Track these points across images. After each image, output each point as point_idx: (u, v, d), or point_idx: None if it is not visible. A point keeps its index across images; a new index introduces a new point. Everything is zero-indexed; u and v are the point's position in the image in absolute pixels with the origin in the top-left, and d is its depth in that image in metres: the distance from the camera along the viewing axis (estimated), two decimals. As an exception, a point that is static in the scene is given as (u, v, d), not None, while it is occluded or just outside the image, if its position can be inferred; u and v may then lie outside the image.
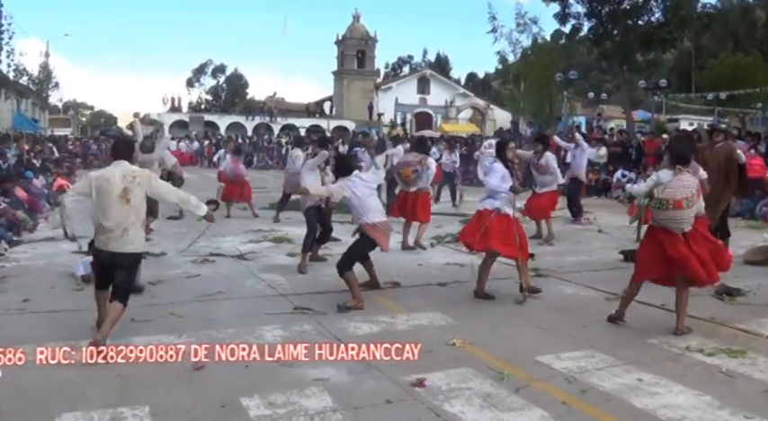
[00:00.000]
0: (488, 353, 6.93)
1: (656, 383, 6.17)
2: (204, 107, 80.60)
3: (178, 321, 8.06)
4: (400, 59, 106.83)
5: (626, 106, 41.19)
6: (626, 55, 37.47)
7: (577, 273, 10.92)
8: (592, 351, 7.06)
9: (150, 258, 11.77)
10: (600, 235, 15.27)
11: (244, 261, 11.88)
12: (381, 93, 72.55)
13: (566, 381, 6.24)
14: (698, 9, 39.63)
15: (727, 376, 6.44)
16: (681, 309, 7.74)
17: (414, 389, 5.99)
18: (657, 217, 7.67)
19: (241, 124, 66.41)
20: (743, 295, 9.46)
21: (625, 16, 37.13)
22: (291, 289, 9.76)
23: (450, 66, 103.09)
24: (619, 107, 49.84)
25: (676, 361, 6.83)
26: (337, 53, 75.27)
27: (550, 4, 38.81)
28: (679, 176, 7.58)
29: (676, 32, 37.75)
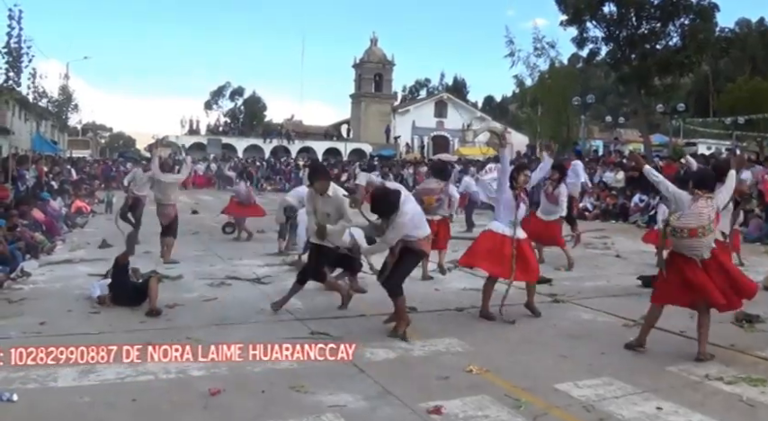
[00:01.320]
0: (506, 381, 6.86)
1: (675, 412, 6.09)
2: (222, 129, 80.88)
3: (194, 345, 8.03)
4: (417, 83, 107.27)
5: (643, 130, 41.12)
6: (643, 79, 37.43)
7: (596, 299, 10.85)
8: (610, 378, 6.98)
9: (167, 281, 11.81)
10: (618, 260, 15.21)
11: (260, 285, 11.86)
12: (398, 116, 72.80)
13: (584, 409, 6.16)
14: (716, 33, 39.57)
15: (747, 405, 6.35)
16: (703, 336, 7.67)
17: (430, 416, 5.93)
18: (676, 244, 7.63)
19: (259, 147, 66.72)
20: (762, 322, 9.38)
21: (643, 40, 37.13)
22: (308, 313, 9.71)
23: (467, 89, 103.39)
24: (636, 131, 49.74)
25: (696, 389, 6.75)
26: (355, 76, 75.70)
27: (568, 28, 38.87)
28: (696, 203, 7.54)
29: (694, 57, 37.70)
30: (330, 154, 64.50)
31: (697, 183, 7.76)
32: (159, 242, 14.56)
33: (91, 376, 6.49)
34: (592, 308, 10.31)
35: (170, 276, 12.20)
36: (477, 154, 53.03)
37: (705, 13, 36.36)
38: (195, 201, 30.70)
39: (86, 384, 6.42)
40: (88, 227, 20.71)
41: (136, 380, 6.72)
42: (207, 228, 20.23)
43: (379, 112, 72.74)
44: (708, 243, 7.58)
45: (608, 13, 37.22)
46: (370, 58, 73.90)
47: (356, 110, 74.72)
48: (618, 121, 58.53)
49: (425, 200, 12.66)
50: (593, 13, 37.31)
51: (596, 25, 37.99)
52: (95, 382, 6.44)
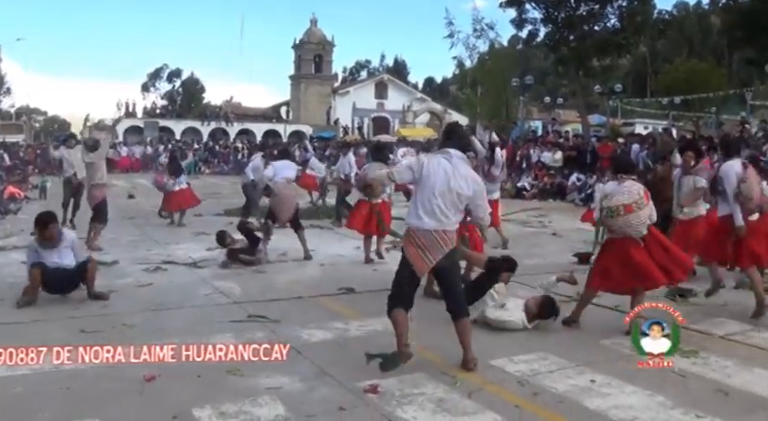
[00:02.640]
0: (442, 358, 6.89)
1: (608, 384, 6.19)
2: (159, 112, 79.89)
3: (129, 331, 7.92)
4: (358, 64, 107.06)
5: (581, 111, 41.55)
6: (582, 60, 37.84)
7: (532, 277, 10.92)
8: (545, 353, 7.07)
9: (101, 267, 11.62)
10: (554, 238, 15.36)
11: (197, 269, 11.76)
12: (339, 97, 72.58)
13: (518, 384, 6.23)
14: (654, 15, 40.11)
15: (679, 376, 6.47)
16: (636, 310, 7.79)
17: (366, 394, 5.94)
18: (615, 226, 7.74)
19: (197, 129, 65.95)
20: (695, 296, 9.55)
21: (581, 22, 37.48)
22: (245, 296, 9.65)
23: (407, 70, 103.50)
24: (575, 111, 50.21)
25: (629, 361, 6.83)
26: (294, 57, 75.23)
27: (507, 9, 39.06)
28: (622, 184, 7.69)
29: (632, 38, 38.25)
30: (269, 136, 63.92)
31: (617, 169, 7.99)
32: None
33: (23, 366, 6.37)
34: (528, 285, 10.36)
35: (105, 262, 12.01)
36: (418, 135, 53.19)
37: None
38: (132, 185, 30.26)
39: (18, 374, 6.26)
40: (21, 213, 20.24)
41: (69, 367, 6.60)
42: (143, 212, 19.97)
43: (318, 94, 72.46)
44: (644, 218, 7.70)
45: (547, -6, 37.51)
46: (310, 38, 73.50)
47: (296, 91, 74.31)
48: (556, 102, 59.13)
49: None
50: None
51: (535, 6, 38.33)
52: (27, 372, 6.27)
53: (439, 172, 6.36)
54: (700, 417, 5.52)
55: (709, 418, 5.51)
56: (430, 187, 6.35)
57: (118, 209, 19.47)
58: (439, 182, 6.35)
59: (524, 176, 27.70)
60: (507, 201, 17.08)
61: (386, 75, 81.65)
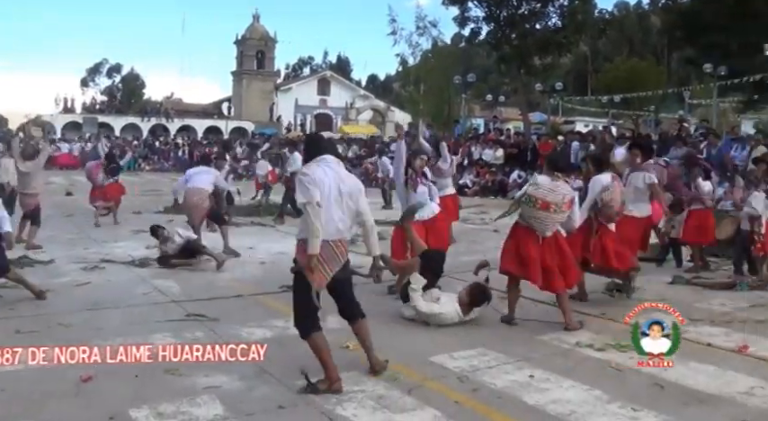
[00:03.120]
0: (382, 355, 6.89)
1: (546, 379, 6.26)
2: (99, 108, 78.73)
3: (66, 331, 7.79)
4: (301, 60, 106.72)
5: (523, 108, 41.92)
6: (523, 58, 38.14)
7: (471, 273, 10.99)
8: (484, 349, 7.13)
9: (38, 266, 11.46)
10: (495, 234, 15.38)
11: (135, 267, 11.61)
12: (281, 94, 72.27)
13: (458, 380, 6.27)
14: (594, 14, 40.55)
15: (616, 370, 6.58)
16: (564, 308, 7.92)
17: (306, 394, 5.93)
18: (525, 214, 7.91)
19: (137, 125, 65.13)
20: (633, 292, 9.68)
21: (523, 21, 37.79)
22: (184, 295, 9.56)
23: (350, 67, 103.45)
24: (516, 109, 50.64)
25: (567, 356, 6.94)
26: (236, 53, 74.70)
27: (450, 7, 39.21)
28: (556, 182, 7.79)
29: (573, 37, 38.64)
30: (211, 132, 63.44)
31: (554, 167, 8.09)
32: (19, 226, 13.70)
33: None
34: (469, 281, 10.42)
35: (41, 261, 11.82)
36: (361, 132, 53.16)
37: (584, -5, 37.30)
38: (70, 182, 29.72)
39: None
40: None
41: (4, 368, 6.48)
42: (82, 210, 19.61)
43: (261, 90, 72.04)
44: (553, 222, 7.83)
45: (489, -7, 37.74)
46: (252, 34, 73.04)
47: (237, 87, 73.78)
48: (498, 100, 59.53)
49: None
50: (475, -7, 37.80)
51: (477, 5, 38.50)
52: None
53: (326, 180, 6.06)
54: (636, 411, 5.59)
55: (646, 412, 5.58)
56: (324, 197, 5.99)
57: (55, 206, 19.20)
58: (331, 189, 6.07)
59: (466, 174, 27.84)
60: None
61: (329, 71, 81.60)
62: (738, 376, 6.38)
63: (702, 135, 23.35)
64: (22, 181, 13.86)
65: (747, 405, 5.78)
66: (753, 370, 6.53)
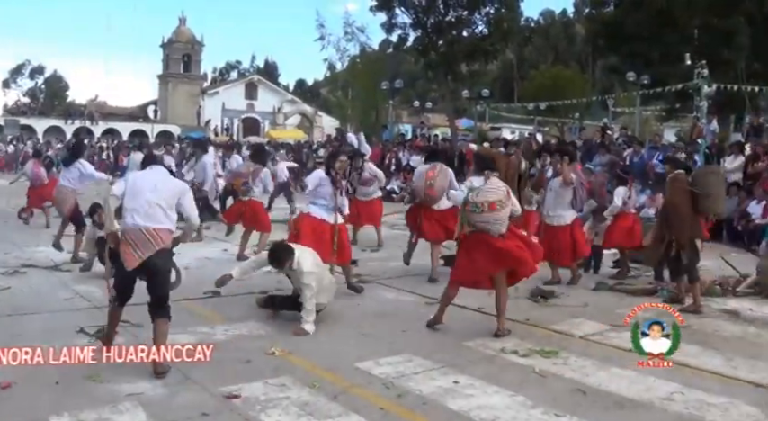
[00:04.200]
0: (308, 361, 6.90)
1: (471, 385, 6.30)
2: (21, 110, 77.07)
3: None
4: (228, 64, 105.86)
5: (450, 115, 42.17)
6: (450, 65, 38.39)
7: (399, 279, 11.04)
8: (410, 355, 7.14)
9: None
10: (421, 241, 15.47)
11: (58, 272, 11.35)
12: (208, 97, 71.60)
13: (384, 387, 6.28)
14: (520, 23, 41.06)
15: (540, 376, 6.65)
16: (501, 309, 7.98)
17: (230, 400, 5.88)
18: (475, 221, 7.90)
19: (60, 128, 63.87)
20: (556, 297, 9.86)
21: (450, 28, 38.04)
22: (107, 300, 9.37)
23: (278, 72, 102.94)
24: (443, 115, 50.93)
25: (492, 362, 7.00)
26: (162, 56, 73.83)
27: (377, 13, 39.32)
28: (489, 181, 7.87)
29: (499, 45, 39.09)
30: (136, 135, 62.51)
31: (482, 166, 8.22)
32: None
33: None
34: (395, 287, 10.49)
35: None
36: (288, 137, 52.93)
37: (510, 3, 37.75)
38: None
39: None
40: None
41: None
42: (2, 213, 19.15)
43: (187, 93, 71.29)
44: (504, 216, 7.89)
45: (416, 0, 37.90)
46: (179, 38, 72.27)
47: (164, 91, 72.86)
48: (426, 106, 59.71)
49: (234, 183, 12.66)
50: (402, 0, 37.91)
51: (405, 12, 38.64)
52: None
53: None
54: (559, 416, 5.67)
55: (568, 417, 5.67)
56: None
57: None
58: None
59: (393, 179, 27.87)
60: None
61: (256, 76, 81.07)
62: (659, 382, 6.48)
63: (626, 143, 23.73)
64: None
65: (667, 410, 5.89)
66: (673, 375, 6.63)
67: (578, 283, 10.84)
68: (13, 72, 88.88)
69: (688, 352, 7.29)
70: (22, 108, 78.66)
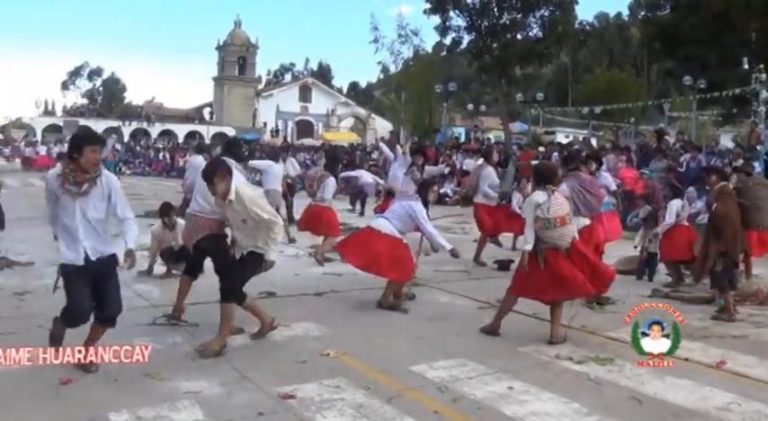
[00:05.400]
0: (362, 364, 6.92)
1: (525, 391, 6.26)
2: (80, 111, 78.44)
3: (46, 333, 7.73)
4: (282, 67, 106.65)
5: (504, 118, 42.07)
6: (504, 68, 38.30)
7: (453, 283, 11.03)
8: (464, 359, 7.13)
9: (17, 268, 11.40)
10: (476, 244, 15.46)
11: (117, 270, 11.52)
12: (262, 100, 72.28)
13: (438, 390, 6.27)
14: (575, 26, 40.76)
15: (595, 383, 6.58)
16: (556, 320, 7.92)
17: (286, 400, 5.92)
18: (547, 236, 7.78)
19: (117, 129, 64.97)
20: (612, 304, 9.73)
21: (504, 31, 37.99)
22: (165, 300, 9.45)
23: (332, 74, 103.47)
24: (497, 119, 50.77)
25: (546, 369, 6.96)
26: (218, 59, 74.62)
27: (431, 16, 39.36)
28: (554, 195, 7.80)
29: (553, 48, 38.91)
30: (192, 137, 63.38)
31: (542, 179, 8.03)
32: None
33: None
34: (449, 291, 10.48)
35: (20, 263, 11.76)
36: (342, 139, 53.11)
37: (565, 6, 37.53)
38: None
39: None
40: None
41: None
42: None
43: (242, 96, 71.98)
44: (573, 231, 7.88)
45: (470, 2, 37.90)
46: (234, 40, 73.02)
47: (219, 93, 73.66)
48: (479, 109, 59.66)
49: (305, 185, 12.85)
50: (456, 3, 37.89)
51: (459, 14, 38.66)
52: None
53: None
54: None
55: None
56: None
57: (34, 208, 19.01)
58: None
59: (447, 183, 27.83)
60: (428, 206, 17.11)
61: (310, 78, 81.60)
62: (715, 391, 6.39)
63: (682, 148, 23.44)
64: None
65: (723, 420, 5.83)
66: (730, 385, 6.55)
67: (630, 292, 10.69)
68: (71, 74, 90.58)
69: (746, 362, 7.23)
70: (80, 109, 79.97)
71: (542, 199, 7.78)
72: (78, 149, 6.27)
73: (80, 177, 6.28)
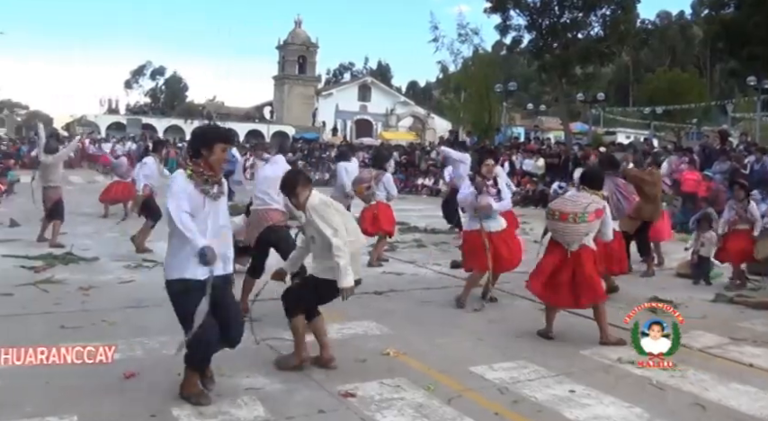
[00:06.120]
0: (422, 364, 6.92)
1: (587, 395, 6.22)
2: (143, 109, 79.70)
3: (110, 328, 7.90)
4: (342, 66, 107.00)
5: (564, 118, 41.72)
6: (565, 68, 37.95)
7: (513, 284, 10.96)
8: (524, 361, 7.10)
9: (82, 263, 11.60)
10: (536, 245, 15.30)
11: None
12: (322, 99, 72.58)
13: (498, 392, 6.26)
14: (637, 24, 40.24)
15: (657, 388, 6.50)
16: (600, 321, 7.86)
17: (346, 399, 5.96)
18: (549, 227, 7.94)
19: (179, 127, 65.76)
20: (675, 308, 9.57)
21: (565, 30, 37.64)
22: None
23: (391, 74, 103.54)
24: (557, 119, 50.40)
25: (608, 372, 6.89)
26: (278, 58, 75.09)
27: (492, 15, 39.17)
28: (579, 193, 7.79)
29: (615, 47, 38.42)
30: (252, 136, 63.86)
31: (584, 181, 8.09)
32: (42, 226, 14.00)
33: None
34: (510, 292, 10.42)
35: (85, 258, 11.99)
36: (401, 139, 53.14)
37: (626, 5, 37.05)
38: (113, 181, 30.00)
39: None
40: (2, 206, 20.11)
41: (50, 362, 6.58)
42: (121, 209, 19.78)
43: (302, 95, 72.35)
44: (578, 234, 7.73)
45: (531, 1, 37.60)
46: (294, 40, 73.39)
47: (279, 92, 74.13)
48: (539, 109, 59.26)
49: (357, 190, 12.71)
50: (517, 2, 37.66)
51: (519, 13, 38.40)
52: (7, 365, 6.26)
53: None
54: (677, 430, 5.56)
55: (686, 430, 5.55)
56: None
57: (98, 205, 19.36)
58: None
59: (507, 183, 27.68)
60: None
61: (369, 77, 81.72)
62: (781, 398, 6.28)
63: (746, 149, 23.02)
64: (44, 173, 14.05)
65: (789, 428, 5.72)
66: (796, 392, 6.43)
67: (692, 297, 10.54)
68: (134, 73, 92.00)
69: (813, 368, 7.10)
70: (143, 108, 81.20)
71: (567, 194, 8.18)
72: (208, 146, 5.70)
73: (214, 177, 5.76)
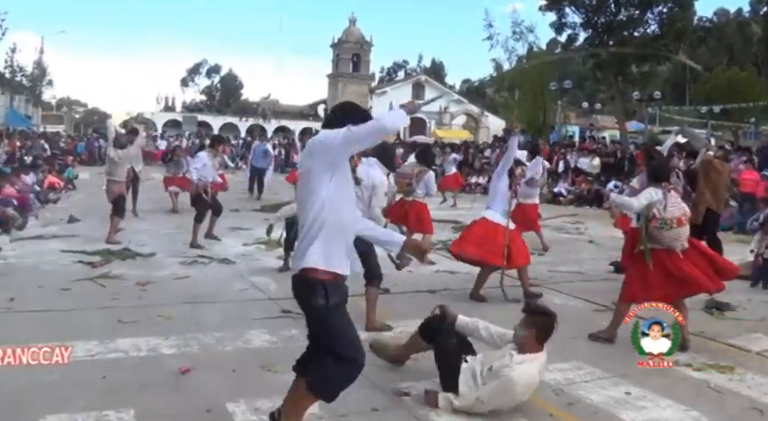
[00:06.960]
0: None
1: (643, 397, 6.14)
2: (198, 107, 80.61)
3: (166, 323, 7.99)
4: (395, 64, 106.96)
5: (619, 117, 41.27)
6: (621, 66, 37.55)
7: (567, 284, 10.90)
8: (579, 363, 7.05)
9: (139, 259, 11.76)
10: (591, 245, 15.27)
11: (233, 263, 11.81)
12: (376, 97, 72.55)
13: (553, 393, 6.21)
14: (694, 22, 39.65)
15: (715, 392, 6.41)
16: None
17: (401, 397, 5.96)
18: (662, 237, 7.59)
19: (234, 125, 66.41)
20: (732, 310, 9.45)
21: (621, 28, 37.24)
22: (281, 292, 9.57)
23: (444, 71, 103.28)
24: (612, 117, 49.90)
25: (665, 375, 6.78)
26: (333, 56, 75.31)
27: (547, 13, 38.92)
28: (669, 194, 7.61)
29: (672, 45, 37.87)
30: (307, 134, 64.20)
31: (657, 177, 7.85)
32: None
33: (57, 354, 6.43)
34: (564, 292, 10.35)
35: (142, 254, 12.15)
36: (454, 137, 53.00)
37: (683, 2, 36.53)
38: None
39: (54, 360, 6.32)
40: (61, 202, 20.48)
41: (106, 357, 6.71)
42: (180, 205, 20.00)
43: (356, 93, 72.30)
44: (688, 231, 7.64)
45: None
46: (348, 38, 73.51)
47: (333, 90, 74.29)
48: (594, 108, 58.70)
49: (398, 183, 12.71)
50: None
51: (575, 11, 38.07)
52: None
53: None
54: (735, 434, 5.48)
55: (745, 435, 5.46)
56: None
57: (153, 201, 19.64)
58: None
59: (561, 182, 27.52)
60: (543, 205, 16.92)
61: (423, 75, 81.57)
62: (842, 404, 6.15)
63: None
64: (110, 168, 14.29)
65: None
66: None
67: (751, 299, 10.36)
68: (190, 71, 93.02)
69: None
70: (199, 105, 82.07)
71: (658, 196, 7.60)
72: None
73: (355, 161, 5.19)
